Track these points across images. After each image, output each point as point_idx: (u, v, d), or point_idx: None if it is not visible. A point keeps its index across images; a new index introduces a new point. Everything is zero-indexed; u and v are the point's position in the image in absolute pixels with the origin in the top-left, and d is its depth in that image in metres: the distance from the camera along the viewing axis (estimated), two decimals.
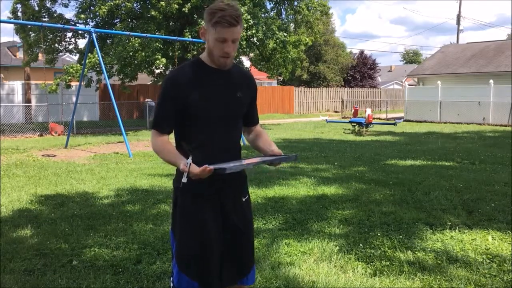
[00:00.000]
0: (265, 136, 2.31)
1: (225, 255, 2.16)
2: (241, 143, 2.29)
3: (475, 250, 3.96)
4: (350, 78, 43.99)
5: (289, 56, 19.27)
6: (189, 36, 16.36)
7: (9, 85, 22.40)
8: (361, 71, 44.41)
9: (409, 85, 29.75)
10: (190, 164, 1.92)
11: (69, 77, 16.23)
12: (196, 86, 2.05)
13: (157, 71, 21.19)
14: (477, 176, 7.40)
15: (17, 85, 22.22)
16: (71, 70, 16.13)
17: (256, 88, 2.32)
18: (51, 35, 18.09)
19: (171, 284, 2.16)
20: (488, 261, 3.72)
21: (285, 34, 18.81)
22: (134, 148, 11.75)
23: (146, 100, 24.58)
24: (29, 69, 21.44)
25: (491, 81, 21.46)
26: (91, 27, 15.66)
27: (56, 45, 18.49)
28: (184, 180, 1.92)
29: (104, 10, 15.99)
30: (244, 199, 2.25)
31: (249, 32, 17.08)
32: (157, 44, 16.09)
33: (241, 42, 16.99)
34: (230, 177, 2.05)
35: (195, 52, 16.61)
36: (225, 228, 2.16)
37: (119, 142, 13.46)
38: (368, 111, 16.43)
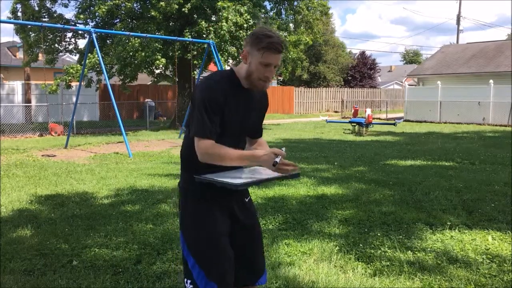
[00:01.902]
0: (267, 148, 2.36)
1: (239, 257, 2.19)
2: None
3: (475, 250, 3.96)
4: (350, 78, 44.00)
5: (289, 56, 19.28)
6: (189, 36, 16.36)
7: (9, 85, 22.41)
8: (361, 71, 44.43)
9: (409, 85, 29.75)
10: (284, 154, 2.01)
11: (69, 78, 16.22)
12: (228, 100, 2.08)
13: (157, 71, 21.17)
14: (477, 176, 7.40)
15: (17, 85, 22.22)
16: (71, 70, 16.13)
17: (268, 105, 2.42)
18: (51, 35, 18.08)
19: (190, 286, 2.14)
20: (488, 261, 3.72)
21: (285, 34, 18.81)
22: (134, 148, 11.75)
23: (146, 100, 24.60)
24: (29, 69, 21.43)
25: (491, 81, 21.46)
26: (91, 27, 15.66)
27: (56, 45, 18.47)
28: (278, 160, 1.96)
29: (103, 10, 15.98)
30: (246, 200, 2.31)
31: (249, 32, 17.05)
32: (157, 44, 16.10)
33: (241, 42, 17.00)
34: None
35: (195, 52, 16.61)
36: (236, 231, 2.20)
37: (119, 142, 13.46)
38: (368, 111, 16.43)
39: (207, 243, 2.12)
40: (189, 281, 2.16)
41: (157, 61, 16.38)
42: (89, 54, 14.58)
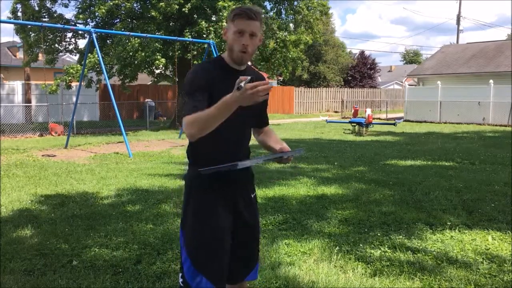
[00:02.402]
0: (275, 135, 2.37)
1: (236, 253, 2.19)
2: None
3: (475, 250, 3.96)
4: (350, 78, 44.01)
5: (290, 56, 19.28)
6: (189, 36, 16.36)
7: (9, 85, 22.40)
8: (361, 71, 44.44)
9: (409, 85, 29.75)
10: (249, 78, 1.78)
11: (69, 78, 16.22)
12: (216, 81, 2.08)
13: (157, 71, 21.16)
14: (477, 176, 7.40)
15: (17, 85, 22.21)
16: (72, 70, 16.12)
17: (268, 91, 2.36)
18: (51, 35, 18.08)
19: (181, 280, 2.16)
20: (488, 261, 3.72)
21: (285, 34, 18.81)
22: (134, 148, 11.75)
23: (146, 100, 24.60)
24: (29, 69, 21.43)
25: (491, 81, 21.46)
26: (91, 27, 15.66)
27: (56, 45, 18.47)
28: (242, 84, 1.75)
29: (103, 10, 15.97)
30: (252, 196, 2.30)
31: None
32: (157, 44, 16.09)
33: None
34: (240, 175, 2.13)
35: (195, 52, 16.60)
36: (237, 226, 2.20)
37: (119, 142, 13.46)
38: (368, 111, 16.43)
39: (206, 236, 2.11)
40: (180, 274, 2.17)
41: (157, 61, 16.38)
42: (89, 54, 14.57)
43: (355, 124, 16.21)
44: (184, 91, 2.08)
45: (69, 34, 18.54)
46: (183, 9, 16.28)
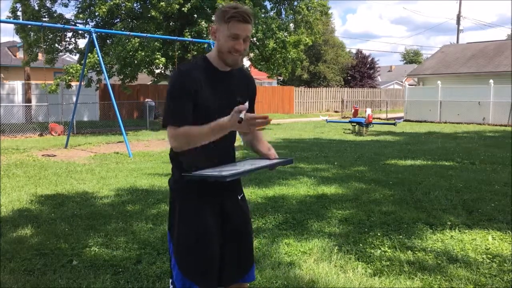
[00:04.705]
0: (262, 138, 2.30)
1: (227, 256, 2.15)
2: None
3: (475, 250, 3.96)
4: (350, 78, 44.01)
5: (289, 56, 19.28)
6: (189, 36, 16.37)
7: (9, 85, 22.39)
8: (361, 71, 44.44)
9: (409, 85, 29.74)
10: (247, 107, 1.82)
11: (69, 77, 16.22)
12: (203, 86, 2.02)
13: (157, 71, 21.17)
14: (477, 176, 7.40)
15: (17, 85, 22.20)
16: (71, 70, 16.13)
17: (256, 90, 2.31)
18: (51, 35, 18.09)
19: (171, 286, 2.15)
20: (488, 261, 3.72)
21: (285, 34, 18.81)
22: (134, 148, 11.75)
23: (146, 100, 24.58)
24: (29, 69, 21.43)
25: (491, 81, 21.46)
26: (91, 27, 15.66)
27: (56, 45, 18.48)
28: (242, 115, 1.77)
29: (103, 10, 15.98)
30: (240, 197, 2.25)
31: None
32: (157, 44, 16.09)
33: None
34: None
35: (195, 52, 16.61)
36: (226, 228, 2.15)
37: (119, 142, 13.46)
38: (368, 111, 16.44)
39: (192, 241, 2.07)
40: (170, 280, 2.15)
41: (157, 60, 16.38)
42: (89, 54, 14.57)
43: (355, 124, 16.21)
44: (168, 95, 1.99)
45: (69, 34, 18.56)
46: (183, 9, 16.28)
